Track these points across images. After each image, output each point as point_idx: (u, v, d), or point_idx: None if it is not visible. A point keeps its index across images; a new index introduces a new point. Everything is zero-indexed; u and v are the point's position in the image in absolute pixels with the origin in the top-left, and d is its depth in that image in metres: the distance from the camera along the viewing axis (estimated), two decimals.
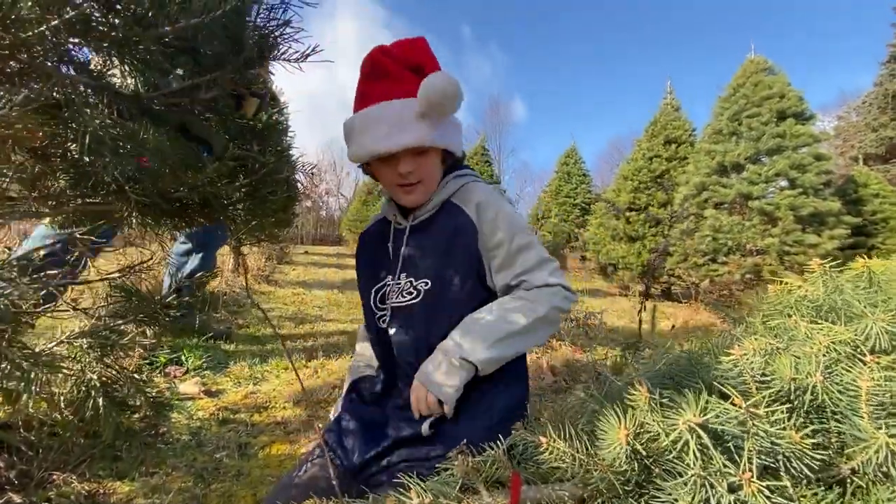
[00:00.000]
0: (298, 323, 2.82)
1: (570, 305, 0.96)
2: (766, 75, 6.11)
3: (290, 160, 2.02)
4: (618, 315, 4.91)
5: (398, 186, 0.95)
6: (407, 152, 0.91)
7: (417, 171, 0.93)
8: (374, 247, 1.06)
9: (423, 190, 0.96)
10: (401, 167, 0.91)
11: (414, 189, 0.95)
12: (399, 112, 0.89)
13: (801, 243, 5.09)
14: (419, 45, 0.97)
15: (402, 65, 0.93)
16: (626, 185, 7.38)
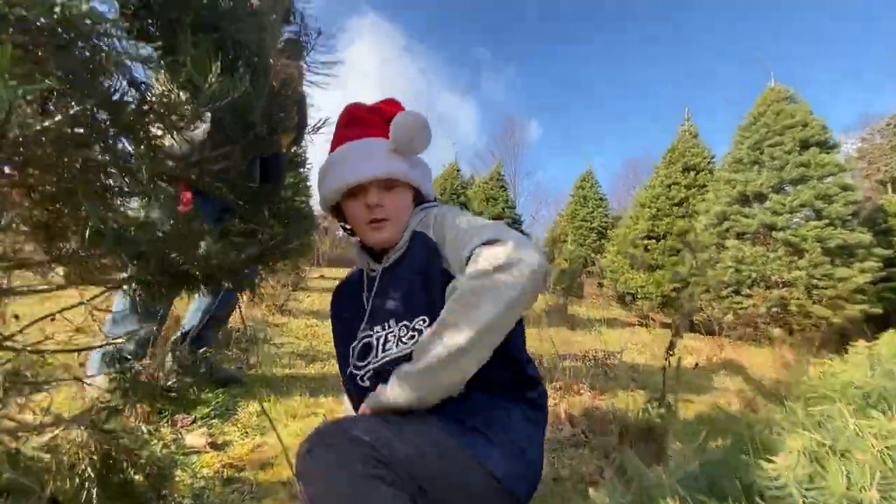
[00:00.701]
0: (310, 361, 2.78)
1: (529, 260, 0.76)
2: (788, 104, 6.01)
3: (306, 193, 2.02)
4: (638, 350, 4.75)
5: (367, 224, 0.92)
6: (376, 185, 0.91)
7: (387, 206, 0.91)
8: (348, 301, 1.01)
9: (392, 228, 0.93)
10: (369, 198, 0.90)
11: (383, 226, 0.92)
12: (369, 147, 0.92)
13: (831, 277, 4.90)
14: (392, 101, 1.03)
15: (376, 114, 0.97)
16: (644, 212, 7.27)
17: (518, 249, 0.76)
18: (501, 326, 0.76)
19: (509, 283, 0.74)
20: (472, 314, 0.74)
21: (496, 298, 0.74)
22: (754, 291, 5.35)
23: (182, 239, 0.85)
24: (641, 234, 7.08)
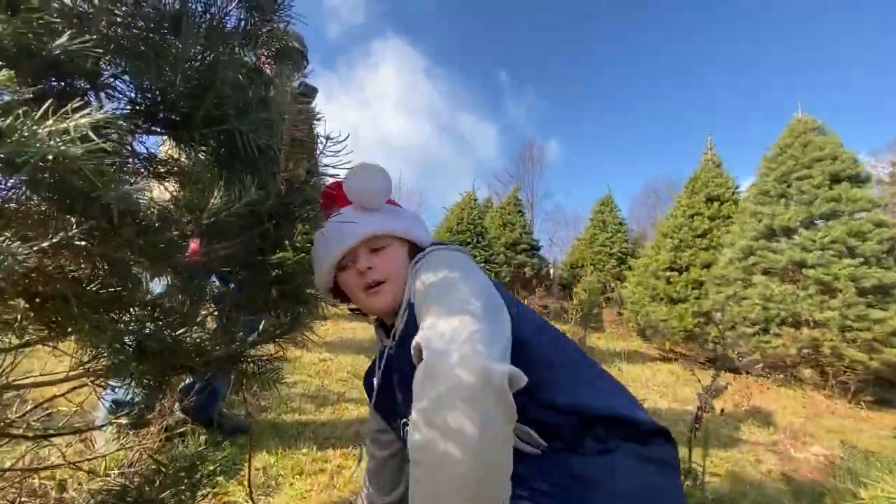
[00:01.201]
0: (320, 404, 2.73)
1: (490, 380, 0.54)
2: (816, 135, 5.85)
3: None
4: (660, 392, 4.57)
5: (364, 291, 0.89)
6: (363, 250, 0.89)
7: (379, 267, 0.89)
8: (368, 385, 1.01)
9: (391, 289, 0.89)
10: (359, 264, 0.88)
11: (380, 290, 0.89)
12: (343, 218, 0.88)
13: (866, 318, 4.65)
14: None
15: (338, 187, 0.95)
16: (666, 243, 7.11)
17: (454, 359, 0.56)
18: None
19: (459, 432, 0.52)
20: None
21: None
22: (783, 331, 5.12)
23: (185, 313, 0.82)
24: (664, 265, 6.90)
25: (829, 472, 2.92)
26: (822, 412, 4.74)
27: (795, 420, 4.18)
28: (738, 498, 2.32)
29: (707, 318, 6.12)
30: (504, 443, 0.56)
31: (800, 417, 4.31)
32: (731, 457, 2.89)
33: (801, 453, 3.23)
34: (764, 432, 3.54)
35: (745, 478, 2.61)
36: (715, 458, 2.85)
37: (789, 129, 6.17)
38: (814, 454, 3.23)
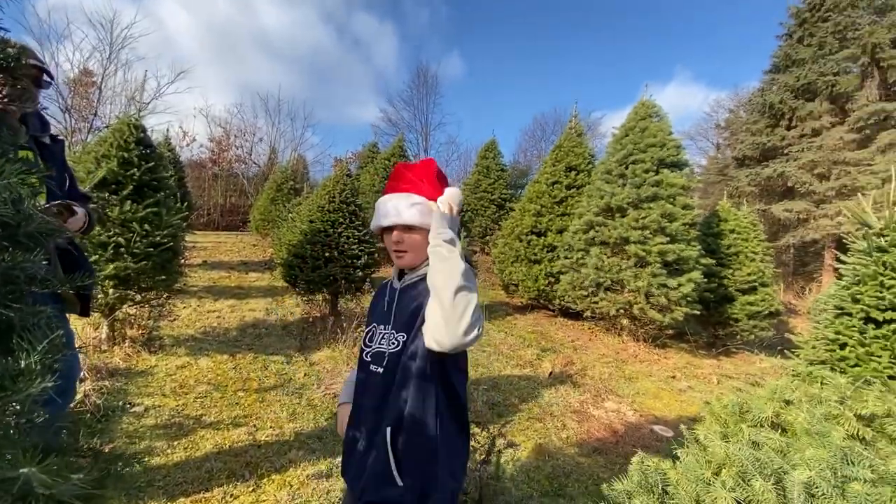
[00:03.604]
0: (173, 437, 2.78)
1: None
2: (653, 120, 6.67)
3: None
4: (507, 355, 5.33)
5: (393, 252, 1.31)
6: (398, 227, 1.28)
7: (404, 243, 1.28)
8: (379, 298, 1.41)
9: (411, 257, 1.29)
10: (393, 236, 1.29)
11: (402, 255, 1.30)
12: (400, 202, 1.27)
13: (665, 286, 5.84)
14: (427, 164, 1.36)
15: (411, 172, 1.33)
16: (530, 208, 7.80)
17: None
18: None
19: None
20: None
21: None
22: (607, 296, 6.21)
23: None
24: (526, 229, 7.65)
25: (610, 428, 3.88)
26: (628, 357, 6.04)
27: (605, 371, 5.30)
28: (535, 472, 3.02)
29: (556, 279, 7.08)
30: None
31: (609, 367, 5.46)
32: (542, 428, 3.64)
33: (597, 410, 4.19)
34: (576, 393, 4.46)
35: (548, 448, 3.37)
36: (530, 430, 3.59)
37: (634, 112, 6.94)
38: (606, 410, 4.22)
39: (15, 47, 1.03)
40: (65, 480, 0.85)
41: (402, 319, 1.24)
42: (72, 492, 0.86)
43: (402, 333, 1.22)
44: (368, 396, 1.25)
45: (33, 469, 0.82)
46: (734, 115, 24.40)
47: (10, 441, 0.85)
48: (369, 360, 1.28)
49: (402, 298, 1.29)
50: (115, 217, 3.55)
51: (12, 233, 1.01)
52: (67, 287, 1.12)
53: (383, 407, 1.19)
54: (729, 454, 1.46)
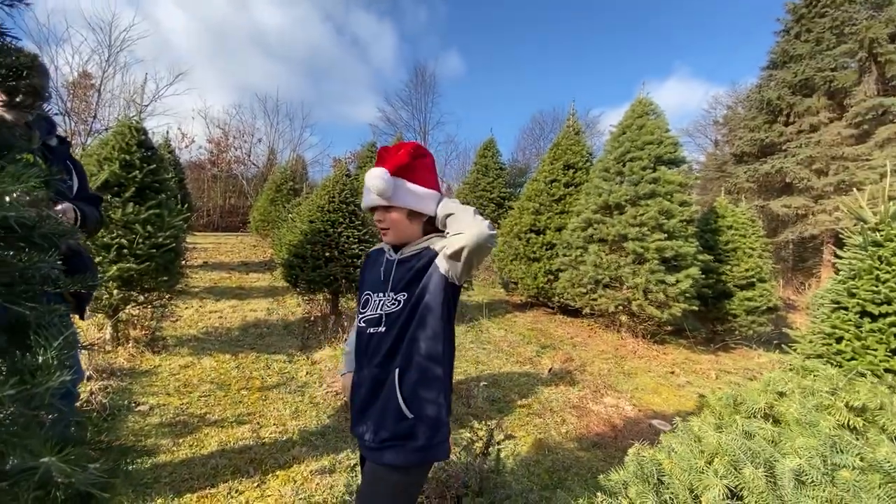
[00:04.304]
0: (178, 434, 2.82)
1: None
2: (650, 118, 6.71)
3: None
4: (507, 353, 5.37)
5: (380, 230, 1.45)
6: (378, 208, 1.41)
7: (385, 221, 1.41)
8: (372, 266, 1.52)
9: (393, 234, 1.43)
10: (376, 217, 1.43)
11: (386, 233, 1.43)
12: (375, 180, 1.34)
13: (663, 283, 5.88)
14: (402, 145, 1.42)
15: (386, 152, 1.41)
16: (529, 206, 7.84)
17: None
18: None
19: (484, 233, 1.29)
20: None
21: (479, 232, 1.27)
22: (606, 293, 6.25)
23: None
24: (525, 227, 7.68)
25: (609, 423, 3.93)
26: (627, 354, 6.08)
27: (604, 367, 5.34)
28: (535, 466, 3.07)
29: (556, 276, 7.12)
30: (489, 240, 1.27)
31: (608, 364, 5.50)
32: (541, 423, 3.69)
33: (596, 405, 4.23)
34: (575, 389, 4.51)
35: (548, 442, 3.41)
36: (529, 425, 3.63)
37: (631, 110, 6.98)
38: (605, 405, 4.27)
39: (28, 56, 1.07)
40: (83, 470, 0.89)
41: (402, 284, 1.37)
42: (89, 480, 0.90)
43: (402, 293, 1.36)
44: (371, 355, 1.37)
45: (53, 459, 0.87)
46: (732, 111, 24.37)
47: (31, 433, 0.89)
48: (364, 325, 1.40)
49: (400, 268, 1.40)
50: (117, 219, 3.59)
51: (28, 234, 1.05)
52: (78, 287, 1.16)
53: (390, 357, 1.34)
54: (721, 444, 1.51)
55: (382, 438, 1.30)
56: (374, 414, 1.34)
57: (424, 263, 1.36)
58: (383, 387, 1.33)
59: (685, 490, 1.44)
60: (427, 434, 1.31)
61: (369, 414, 1.35)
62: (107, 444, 1.25)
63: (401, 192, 1.36)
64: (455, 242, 1.24)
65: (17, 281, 1.01)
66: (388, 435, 1.30)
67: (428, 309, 1.33)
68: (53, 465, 0.84)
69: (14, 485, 0.82)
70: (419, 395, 1.31)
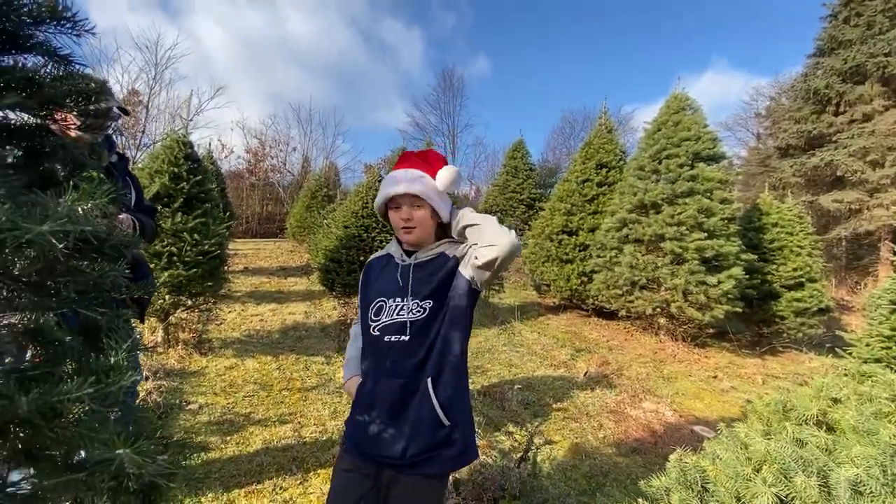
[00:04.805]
0: (225, 432, 2.96)
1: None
2: (686, 114, 6.51)
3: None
4: (541, 356, 5.33)
5: (401, 228, 1.37)
6: (408, 201, 1.36)
7: (414, 218, 1.36)
8: (378, 273, 1.46)
9: (418, 234, 1.38)
10: (403, 213, 1.36)
11: (412, 231, 1.37)
12: (409, 174, 1.36)
13: (703, 283, 5.68)
14: (432, 151, 1.46)
15: (419, 157, 1.43)
16: (560, 207, 7.75)
17: None
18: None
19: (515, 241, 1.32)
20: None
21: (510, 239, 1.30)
22: (643, 294, 6.09)
23: None
24: (556, 229, 7.59)
25: (649, 428, 3.83)
26: (666, 357, 5.90)
27: (642, 371, 5.20)
28: (572, 470, 3.03)
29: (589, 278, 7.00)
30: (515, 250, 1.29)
31: (646, 367, 5.36)
32: (578, 427, 3.64)
33: (635, 410, 4.14)
34: (612, 394, 4.42)
35: (585, 447, 3.36)
36: (566, 429, 3.59)
37: (666, 106, 6.79)
38: (644, 410, 4.16)
39: (98, 81, 1.17)
40: (152, 462, 0.96)
41: (425, 290, 1.33)
42: (158, 472, 0.97)
43: (427, 301, 1.32)
44: (393, 364, 1.32)
45: (127, 451, 0.94)
46: (776, 102, 23.25)
47: (106, 428, 0.97)
48: (379, 333, 1.34)
49: (419, 273, 1.36)
50: (167, 228, 3.80)
51: (101, 246, 1.15)
52: (140, 293, 1.26)
53: (419, 366, 1.31)
54: (770, 451, 1.46)
55: (418, 450, 1.26)
56: (404, 426, 1.28)
57: (448, 270, 1.35)
58: (414, 397, 1.29)
59: (731, 498, 1.40)
60: (463, 439, 1.31)
61: (398, 427, 1.28)
62: (166, 440, 1.34)
63: (433, 191, 1.37)
64: (488, 253, 1.24)
65: (90, 288, 1.10)
66: (424, 446, 1.26)
67: (456, 316, 1.33)
68: (127, 457, 0.91)
69: (91, 475, 0.90)
70: (455, 402, 1.31)
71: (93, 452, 0.94)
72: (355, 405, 1.38)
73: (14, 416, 0.86)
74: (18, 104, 0.91)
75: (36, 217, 0.83)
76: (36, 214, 0.83)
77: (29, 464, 0.97)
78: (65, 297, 1.06)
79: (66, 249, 1.09)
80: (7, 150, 0.99)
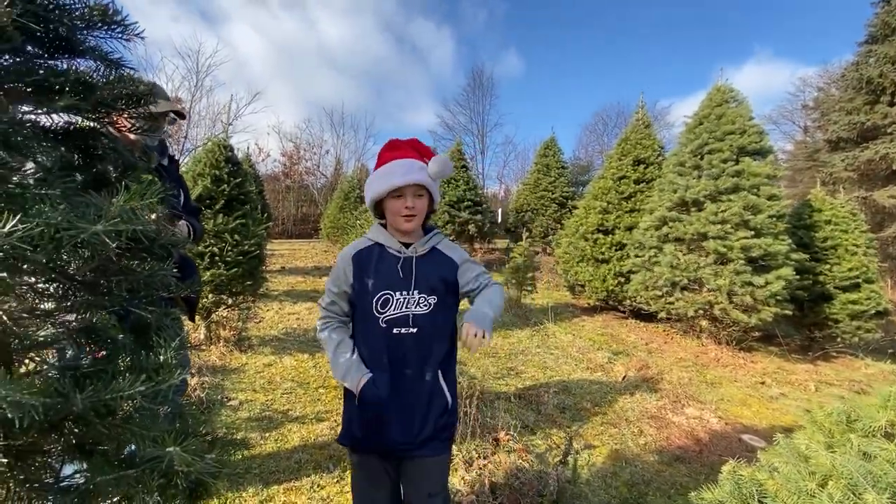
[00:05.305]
0: (265, 429, 3.03)
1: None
2: (730, 106, 6.22)
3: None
4: (576, 359, 5.20)
5: (402, 216, 1.40)
6: (411, 191, 1.39)
7: (416, 207, 1.40)
8: (374, 266, 1.45)
9: (418, 221, 1.44)
10: (407, 201, 1.39)
11: (412, 220, 1.41)
12: (412, 164, 1.40)
13: (750, 284, 5.40)
14: (416, 140, 1.50)
15: (408, 145, 1.47)
16: (595, 205, 7.56)
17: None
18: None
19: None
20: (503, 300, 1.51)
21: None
22: (684, 295, 5.85)
23: None
24: (591, 228, 7.40)
25: (693, 436, 3.66)
26: (709, 362, 5.65)
27: (684, 376, 4.99)
28: (612, 478, 2.93)
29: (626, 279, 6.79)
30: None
31: (688, 372, 5.14)
32: (617, 433, 3.51)
33: (677, 416, 3.96)
34: (652, 398, 4.25)
35: (625, 453, 3.24)
36: (604, 435, 3.47)
37: (708, 99, 6.50)
38: (686, 416, 3.98)
39: (147, 85, 1.20)
40: (201, 459, 0.97)
41: (430, 285, 1.41)
42: (206, 469, 0.98)
43: (432, 297, 1.41)
44: (403, 355, 1.39)
45: (177, 449, 0.95)
46: (824, 93, 22.00)
47: (156, 426, 0.99)
48: (386, 325, 1.39)
49: (422, 267, 1.43)
50: (209, 229, 3.93)
51: (150, 246, 1.18)
52: (188, 292, 1.29)
53: (428, 358, 1.41)
54: (836, 465, 1.36)
55: (431, 433, 1.40)
56: (416, 415, 1.39)
57: (448, 271, 1.47)
58: (425, 387, 1.40)
59: None
60: (455, 410, 1.50)
61: (411, 414, 1.39)
62: (214, 435, 1.37)
63: (431, 181, 1.43)
64: (489, 312, 1.38)
65: (140, 287, 1.13)
66: (432, 432, 1.40)
67: (452, 311, 1.49)
68: (177, 455, 0.92)
69: (142, 472, 0.92)
70: (454, 385, 1.51)
71: (144, 449, 0.95)
72: (366, 399, 1.39)
73: (68, 413, 0.88)
74: (73, 107, 0.93)
75: (90, 217, 0.85)
76: (91, 214, 0.85)
77: (83, 459, 0.99)
78: (117, 295, 1.09)
79: (118, 249, 1.12)
80: (63, 153, 1.03)
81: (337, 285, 1.48)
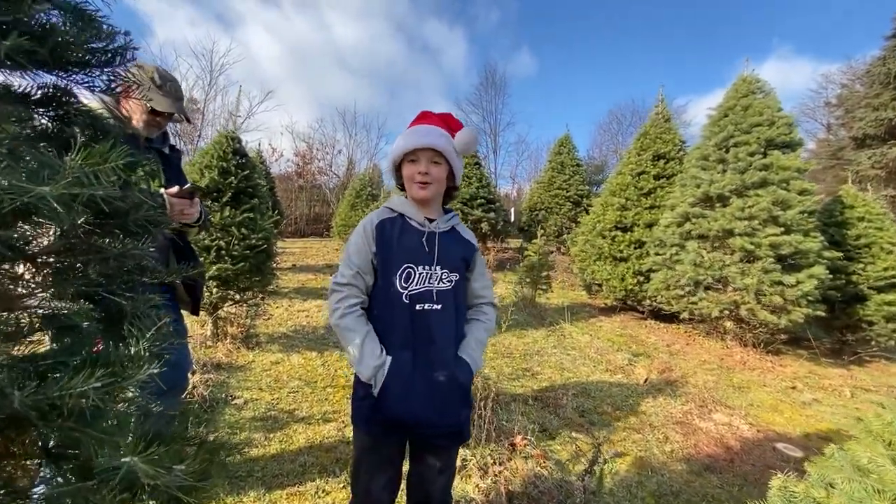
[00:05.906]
0: (269, 429, 2.89)
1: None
2: (757, 97, 5.94)
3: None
4: (594, 360, 4.99)
5: (416, 182, 1.34)
6: (427, 156, 1.34)
7: (432, 174, 1.34)
8: (397, 237, 1.36)
9: (433, 190, 1.36)
10: (421, 166, 1.34)
11: (427, 187, 1.34)
12: (432, 129, 1.36)
13: (779, 284, 5.12)
14: (450, 115, 1.46)
15: (438, 117, 1.43)
16: (613, 202, 7.31)
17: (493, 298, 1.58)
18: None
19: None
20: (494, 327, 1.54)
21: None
22: (708, 295, 5.58)
23: None
24: (609, 225, 7.16)
25: (722, 443, 3.43)
26: (735, 365, 5.38)
27: (709, 379, 4.74)
28: (638, 488, 2.72)
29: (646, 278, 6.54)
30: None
31: (713, 375, 4.89)
32: (641, 440, 3.30)
33: (704, 422, 3.73)
34: (677, 403, 4.02)
35: (650, 461, 3.03)
36: (627, 441, 3.26)
37: (734, 89, 6.22)
38: (715, 422, 3.75)
39: (128, 43, 1.05)
40: (167, 472, 0.81)
41: (452, 262, 1.38)
42: (175, 482, 0.82)
43: (454, 273, 1.39)
44: (428, 332, 1.32)
45: (135, 458, 0.79)
46: (848, 89, 21.27)
47: (120, 430, 0.83)
48: (409, 301, 1.31)
49: (444, 243, 1.39)
50: (216, 222, 3.82)
51: (123, 221, 1.02)
52: (177, 277, 1.14)
53: (449, 334, 1.37)
54: None
55: (455, 414, 1.36)
56: (438, 393, 1.32)
57: (467, 251, 1.45)
58: (448, 365, 1.34)
59: None
60: (470, 404, 1.46)
61: (433, 395, 1.32)
62: (203, 438, 1.21)
63: (453, 152, 1.37)
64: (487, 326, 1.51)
65: (114, 270, 0.97)
66: (455, 410, 1.36)
67: (465, 290, 1.48)
68: (136, 466, 0.77)
69: (98, 485, 0.76)
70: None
71: (97, 457, 0.80)
72: (392, 377, 1.30)
73: (11, 413, 0.73)
74: (18, 47, 0.78)
75: (42, 179, 0.69)
76: (43, 177, 0.70)
77: (50, 465, 0.85)
78: (84, 278, 0.94)
79: (86, 224, 0.96)
80: (30, 115, 0.88)
81: (360, 255, 1.36)
